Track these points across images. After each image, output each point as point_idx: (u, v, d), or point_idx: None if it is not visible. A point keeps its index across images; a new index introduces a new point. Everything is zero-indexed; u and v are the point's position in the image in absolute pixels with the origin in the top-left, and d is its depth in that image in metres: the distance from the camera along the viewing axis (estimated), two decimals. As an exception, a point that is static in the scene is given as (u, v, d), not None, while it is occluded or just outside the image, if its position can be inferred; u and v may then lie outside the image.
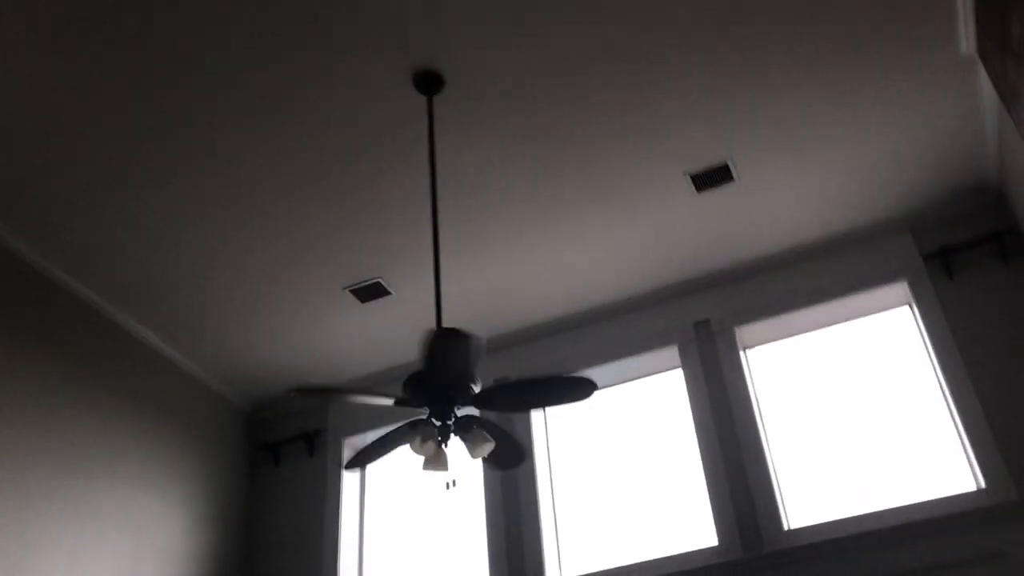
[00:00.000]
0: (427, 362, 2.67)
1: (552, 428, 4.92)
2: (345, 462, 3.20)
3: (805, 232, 4.55)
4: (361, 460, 3.13)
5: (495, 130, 3.75)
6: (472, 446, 2.83)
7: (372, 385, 5.21)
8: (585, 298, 4.86)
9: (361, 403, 3.02)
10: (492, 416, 4.82)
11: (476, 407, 2.93)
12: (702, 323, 4.71)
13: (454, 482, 2.83)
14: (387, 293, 4.63)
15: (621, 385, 4.90)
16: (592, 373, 4.85)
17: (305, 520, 5.04)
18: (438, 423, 2.82)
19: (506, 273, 4.60)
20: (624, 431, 4.77)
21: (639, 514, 4.49)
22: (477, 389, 2.87)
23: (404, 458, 5.19)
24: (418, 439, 2.74)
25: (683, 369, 4.67)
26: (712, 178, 4.15)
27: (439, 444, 2.80)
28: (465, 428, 2.85)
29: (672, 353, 4.75)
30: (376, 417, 5.16)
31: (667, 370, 4.83)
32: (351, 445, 5.22)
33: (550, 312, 4.94)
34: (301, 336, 4.91)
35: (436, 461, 2.81)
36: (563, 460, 4.81)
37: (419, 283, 4.58)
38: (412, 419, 2.87)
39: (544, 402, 2.99)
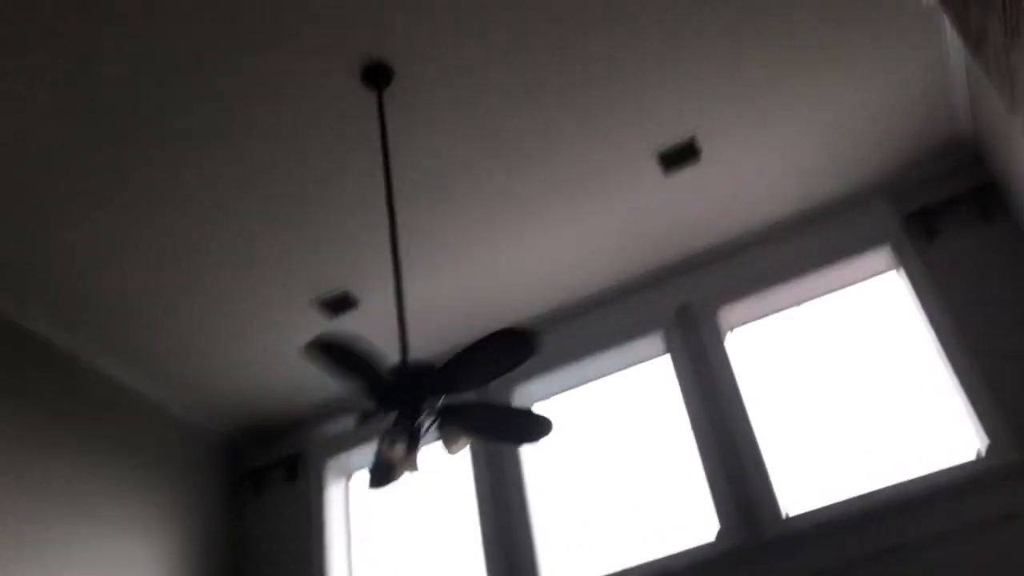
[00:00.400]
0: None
1: (539, 429, 4.77)
2: (370, 481, 2.99)
3: (780, 205, 4.43)
4: (383, 475, 2.88)
5: (451, 123, 3.61)
6: (447, 441, 2.68)
7: (350, 398, 5.04)
8: (561, 293, 4.72)
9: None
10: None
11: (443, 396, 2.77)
12: (684, 307, 4.58)
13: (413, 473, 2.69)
14: (355, 304, 4.47)
15: (607, 377, 4.75)
16: (576, 368, 4.70)
17: (292, 545, 4.85)
18: (410, 423, 2.67)
19: (474, 273, 4.45)
20: (614, 424, 4.61)
21: (636, 509, 4.33)
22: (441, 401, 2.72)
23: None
24: (387, 442, 2.58)
25: (670, 356, 4.53)
26: (679, 157, 4.02)
27: (408, 446, 2.64)
28: (440, 424, 2.69)
29: (656, 340, 4.61)
30: (356, 434, 4.98)
31: (653, 358, 4.68)
32: (333, 466, 5.04)
33: (525, 311, 4.79)
34: (271, 358, 4.74)
35: (405, 463, 2.65)
36: (554, 459, 4.64)
37: (388, 291, 4.43)
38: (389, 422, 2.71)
39: (497, 435, 2.87)
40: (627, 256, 4.54)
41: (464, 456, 4.79)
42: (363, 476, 5.12)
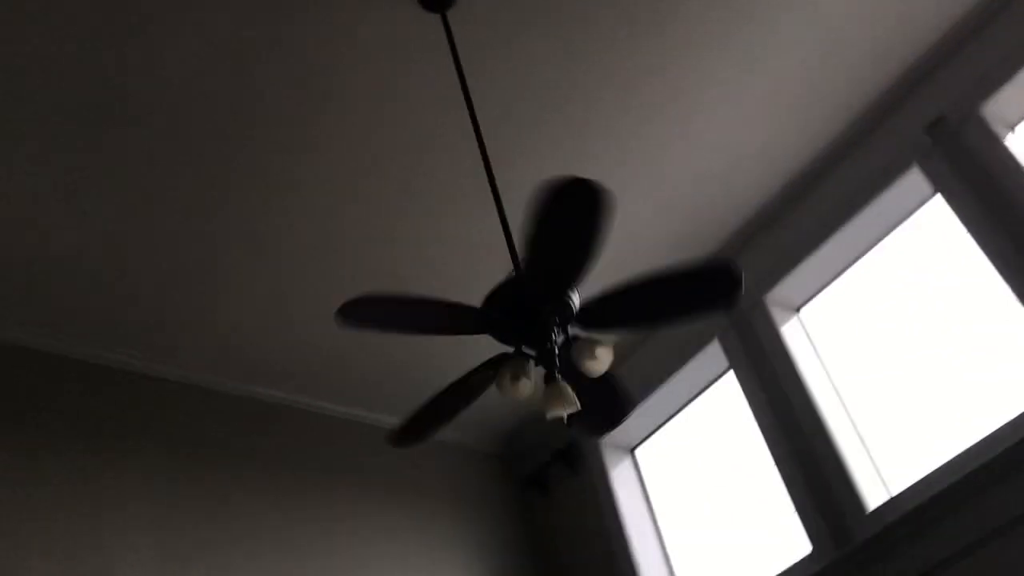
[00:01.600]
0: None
1: (809, 321, 3.95)
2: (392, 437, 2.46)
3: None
4: (416, 430, 2.36)
5: (548, 28, 3.06)
6: (585, 359, 2.11)
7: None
8: (768, 176, 3.85)
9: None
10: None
11: (579, 327, 2.20)
12: (936, 124, 3.51)
13: (569, 417, 2.13)
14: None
15: (872, 250, 3.81)
16: (827, 251, 3.81)
17: (592, 539, 4.42)
18: (533, 353, 2.15)
19: (638, 196, 3.75)
20: (901, 297, 3.66)
21: (956, 385, 3.36)
22: (576, 302, 2.15)
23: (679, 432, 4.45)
24: (506, 378, 2.09)
25: (940, 192, 3.50)
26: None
27: (547, 378, 2.11)
28: (567, 342, 2.14)
29: (915, 180, 3.59)
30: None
31: (921, 204, 3.66)
32: (609, 443, 4.57)
33: (735, 208, 3.96)
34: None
35: (553, 399, 2.12)
36: (839, 356, 3.79)
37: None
38: (493, 357, 2.20)
39: (672, 312, 2.17)
40: (839, 90, 3.58)
41: (731, 385, 4.09)
42: (649, 444, 4.59)
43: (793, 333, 3.91)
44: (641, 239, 3.92)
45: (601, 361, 2.12)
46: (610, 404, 2.41)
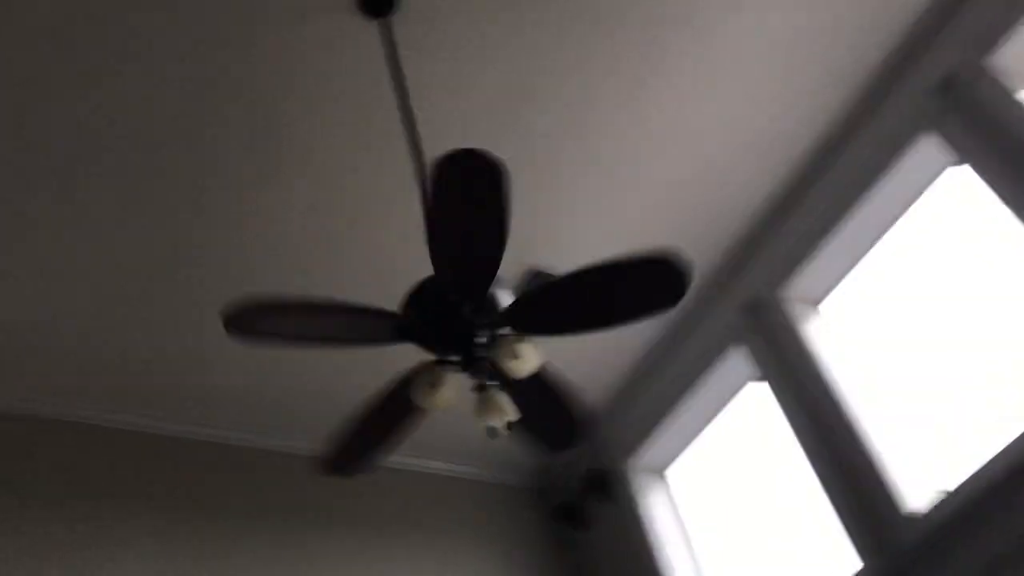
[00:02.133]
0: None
1: (833, 314, 3.61)
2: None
3: None
4: (352, 455, 2.11)
5: (491, 38, 2.88)
6: (507, 359, 1.88)
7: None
8: (772, 163, 3.56)
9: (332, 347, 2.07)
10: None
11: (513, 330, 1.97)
12: (945, 84, 3.18)
13: (508, 425, 1.89)
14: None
15: (893, 230, 3.47)
16: (843, 234, 3.49)
17: (634, 568, 4.10)
18: (456, 358, 1.93)
19: (617, 203, 3.50)
20: (932, 277, 3.32)
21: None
22: (505, 301, 1.93)
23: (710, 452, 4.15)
24: (423, 388, 1.87)
25: (959, 156, 3.16)
26: None
27: (479, 386, 1.89)
28: (491, 344, 1.91)
29: (930, 147, 3.25)
30: (643, 421, 4.18)
31: (939, 173, 3.32)
32: (639, 467, 4.27)
33: (724, 215, 3.69)
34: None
35: (484, 408, 1.89)
36: (870, 349, 3.44)
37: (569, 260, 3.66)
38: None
39: (613, 313, 1.91)
40: (839, 62, 3.29)
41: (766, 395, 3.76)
42: (679, 464, 4.27)
43: (816, 329, 3.58)
44: (637, 243, 3.68)
45: (525, 360, 1.89)
46: (559, 419, 2.14)
